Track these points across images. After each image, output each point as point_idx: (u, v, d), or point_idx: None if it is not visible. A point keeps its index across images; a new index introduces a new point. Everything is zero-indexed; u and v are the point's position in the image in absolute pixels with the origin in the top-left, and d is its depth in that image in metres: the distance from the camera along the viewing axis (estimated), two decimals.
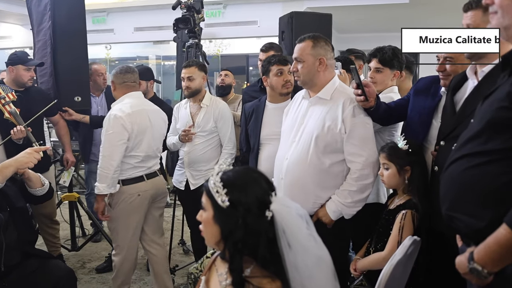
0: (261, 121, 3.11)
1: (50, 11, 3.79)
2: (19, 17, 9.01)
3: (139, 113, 3.20)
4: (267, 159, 3.01)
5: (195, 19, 4.12)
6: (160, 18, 8.33)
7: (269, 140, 3.06)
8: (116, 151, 3.08)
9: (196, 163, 3.54)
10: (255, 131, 3.13)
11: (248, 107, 3.29)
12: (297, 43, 2.54)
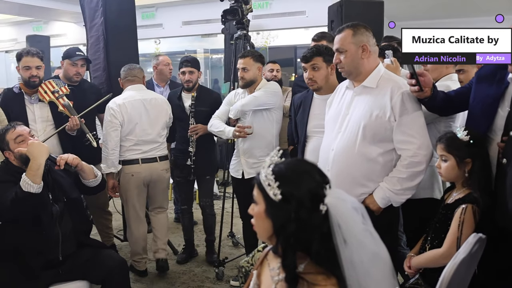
0: (308, 113, 3.05)
1: (102, 7, 3.88)
2: (73, 15, 9.27)
3: (131, 103, 3.65)
4: (313, 152, 2.95)
5: (243, 10, 4.08)
6: (208, 12, 8.36)
7: (315, 132, 2.99)
8: (109, 137, 3.60)
9: (251, 151, 3.51)
10: (302, 123, 3.08)
11: (296, 98, 3.24)
12: (336, 34, 2.47)
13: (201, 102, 3.86)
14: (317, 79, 2.89)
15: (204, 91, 4.03)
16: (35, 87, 3.47)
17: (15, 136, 2.70)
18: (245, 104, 3.43)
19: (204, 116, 3.82)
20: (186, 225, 4.22)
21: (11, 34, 11.43)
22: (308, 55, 2.88)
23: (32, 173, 2.53)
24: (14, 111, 3.45)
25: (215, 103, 3.87)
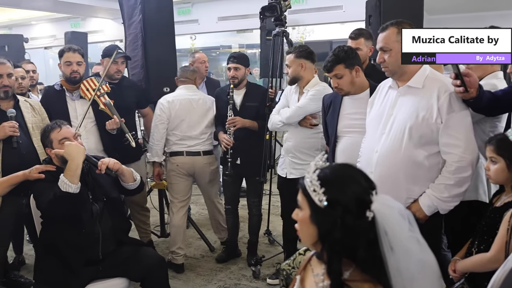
0: (338, 113, 3.01)
1: (140, 5, 3.91)
2: (110, 12, 9.40)
3: (179, 101, 3.92)
4: (343, 152, 2.95)
5: (282, 7, 4.04)
6: (243, 7, 8.34)
7: (345, 132, 2.98)
8: (156, 129, 3.94)
9: (295, 151, 3.50)
10: (332, 123, 3.05)
11: (326, 98, 3.19)
12: (380, 32, 2.41)
13: (250, 97, 3.89)
14: (342, 87, 2.88)
15: (253, 86, 4.03)
16: (76, 83, 3.53)
17: (60, 138, 2.76)
18: (290, 116, 3.41)
19: (253, 112, 3.85)
20: (230, 225, 4.21)
21: (50, 30, 11.67)
22: (329, 65, 2.86)
23: (70, 173, 2.58)
24: (56, 108, 3.51)
25: (263, 98, 3.89)
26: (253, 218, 4.09)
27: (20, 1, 8.07)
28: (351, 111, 2.94)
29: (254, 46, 10.88)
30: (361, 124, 2.85)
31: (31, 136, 3.14)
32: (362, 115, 2.85)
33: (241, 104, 3.89)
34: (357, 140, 2.86)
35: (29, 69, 4.73)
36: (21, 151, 3.05)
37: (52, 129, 2.79)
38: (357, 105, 2.89)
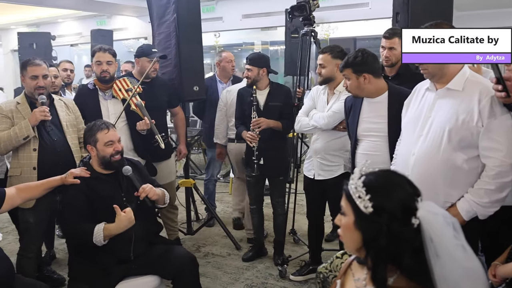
0: (358, 116, 3.01)
1: (174, 5, 3.93)
2: (135, 9, 9.48)
3: (235, 92, 4.19)
4: (363, 156, 2.94)
5: (311, 6, 4.03)
6: (267, 4, 8.33)
7: (365, 136, 2.97)
8: (218, 114, 4.58)
9: (324, 152, 3.49)
10: (353, 126, 3.05)
11: (348, 100, 3.17)
12: None
13: (273, 97, 3.88)
14: (350, 89, 2.94)
15: (276, 86, 4.01)
16: (106, 82, 3.57)
17: (107, 140, 2.82)
18: (328, 122, 3.39)
19: (276, 112, 3.85)
20: (256, 224, 4.21)
21: (76, 28, 11.83)
22: (340, 67, 2.95)
23: (108, 234, 2.63)
24: (89, 106, 3.57)
25: (286, 98, 3.90)
26: (278, 218, 4.09)
27: (46, 0, 8.19)
28: (370, 114, 2.94)
29: (277, 43, 10.87)
30: (380, 128, 2.87)
31: (65, 134, 3.19)
32: (381, 119, 2.87)
33: (264, 104, 3.89)
34: (376, 144, 2.88)
35: (68, 67, 4.84)
36: (56, 148, 3.12)
37: (100, 129, 2.84)
38: (375, 108, 2.91)
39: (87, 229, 2.64)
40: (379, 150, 2.87)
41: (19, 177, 3.07)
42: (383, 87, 2.92)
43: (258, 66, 3.86)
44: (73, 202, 2.79)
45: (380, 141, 2.88)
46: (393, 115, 2.83)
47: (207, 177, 5.16)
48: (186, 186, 4.63)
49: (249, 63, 3.87)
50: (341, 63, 2.95)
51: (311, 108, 3.59)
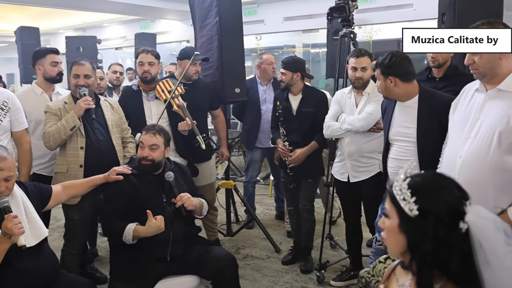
0: (390, 120, 2.96)
1: (216, 8, 3.96)
2: (177, 13, 9.62)
3: None
4: (392, 160, 2.92)
5: (350, 7, 3.98)
6: (309, 7, 8.29)
7: (395, 140, 2.93)
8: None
9: (358, 155, 3.45)
10: (385, 129, 3.02)
11: (384, 102, 3.13)
12: None
13: (307, 102, 3.85)
14: (380, 90, 2.92)
15: (311, 91, 3.96)
16: (148, 82, 3.63)
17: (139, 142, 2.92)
18: (364, 125, 3.37)
19: (309, 118, 3.81)
20: (294, 226, 4.18)
21: (121, 32, 12.12)
22: (374, 67, 2.94)
23: (137, 235, 2.71)
24: (132, 107, 3.64)
25: (320, 104, 3.85)
26: (305, 224, 4.01)
27: (94, 5, 8.42)
28: (401, 118, 2.90)
29: (319, 45, 10.80)
30: (410, 133, 2.81)
31: (110, 134, 3.27)
32: (411, 124, 2.81)
33: (297, 109, 3.86)
34: (407, 149, 2.83)
35: (118, 70, 4.96)
36: (101, 147, 3.20)
37: (143, 129, 2.98)
38: (405, 112, 2.86)
39: (120, 226, 2.73)
40: (409, 156, 2.81)
41: (65, 174, 3.15)
42: (414, 91, 2.86)
43: (292, 70, 3.84)
44: (112, 199, 2.87)
45: (410, 146, 2.82)
46: (422, 120, 2.78)
47: (247, 179, 5.17)
48: (226, 187, 4.65)
49: (283, 67, 3.86)
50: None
51: (338, 112, 3.55)
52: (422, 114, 2.79)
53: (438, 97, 2.84)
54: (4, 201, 2.29)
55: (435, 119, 2.73)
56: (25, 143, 3.21)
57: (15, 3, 8.35)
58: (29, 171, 3.24)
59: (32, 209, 2.47)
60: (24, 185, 2.59)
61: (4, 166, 2.29)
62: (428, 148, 2.74)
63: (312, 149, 3.81)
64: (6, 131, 3.12)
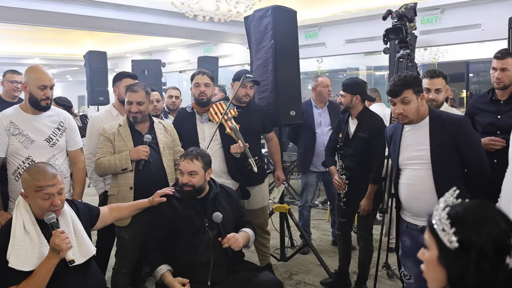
0: (399, 145, 2.81)
1: (272, 31, 3.97)
2: (240, 37, 9.79)
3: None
4: (406, 186, 2.78)
5: (407, 29, 3.86)
6: (371, 29, 8.17)
7: (407, 165, 2.78)
8: None
9: None
10: (394, 156, 2.88)
11: (388, 129, 3.03)
12: None
13: (362, 127, 3.75)
14: (408, 114, 2.67)
15: (368, 115, 3.83)
16: (204, 104, 3.65)
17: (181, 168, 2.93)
18: None
19: (363, 143, 3.71)
20: (340, 252, 4.08)
21: (184, 55, 12.48)
22: (397, 89, 2.65)
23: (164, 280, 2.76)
24: (186, 129, 3.67)
25: (375, 130, 3.70)
26: (361, 252, 3.88)
27: (160, 30, 8.73)
28: (412, 141, 2.76)
29: (383, 68, 10.62)
30: (423, 155, 2.66)
31: (161, 156, 3.31)
32: (424, 145, 2.67)
33: (353, 133, 3.78)
34: (420, 173, 2.68)
35: (173, 94, 5.06)
36: (151, 169, 3.23)
37: (183, 156, 2.98)
38: (418, 134, 2.73)
39: (154, 261, 2.80)
40: (422, 179, 2.68)
41: (116, 196, 3.22)
42: (427, 110, 2.73)
43: (351, 92, 3.76)
44: (153, 223, 2.89)
45: (423, 169, 2.68)
46: (435, 141, 2.64)
47: (301, 203, 5.09)
48: (281, 211, 4.58)
49: (343, 89, 3.79)
50: (394, 87, 2.66)
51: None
52: (435, 133, 2.65)
53: (449, 116, 2.72)
54: (51, 217, 2.35)
55: (448, 139, 2.61)
56: (80, 162, 3.33)
57: (86, 29, 8.82)
58: (82, 190, 3.34)
59: (81, 227, 2.53)
60: (75, 204, 2.67)
61: (55, 181, 2.36)
62: (443, 169, 2.61)
63: (373, 194, 3.70)
64: (62, 150, 3.23)
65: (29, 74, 3.09)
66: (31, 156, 3.06)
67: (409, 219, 2.81)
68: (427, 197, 2.62)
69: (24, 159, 3.06)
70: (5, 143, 3.05)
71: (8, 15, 6.93)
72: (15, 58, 11.81)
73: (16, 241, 2.30)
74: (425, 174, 2.66)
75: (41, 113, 3.14)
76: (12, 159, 3.09)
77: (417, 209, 2.69)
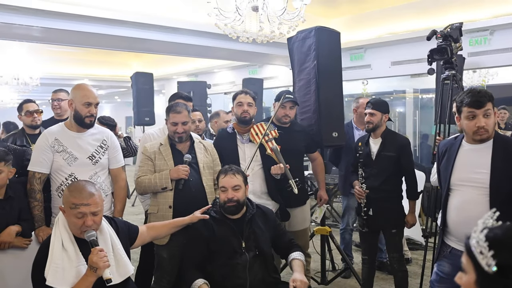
0: (453, 163, 2.67)
1: (315, 52, 3.97)
2: (284, 59, 9.82)
3: None
4: (456, 209, 2.62)
5: (452, 49, 3.77)
6: (418, 51, 8.04)
7: (459, 185, 2.63)
8: None
9: None
10: (445, 174, 2.72)
11: (442, 144, 2.89)
12: None
13: (387, 146, 3.70)
14: (489, 128, 2.53)
15: (391, 134, 3.82)
16: (246, 123, 3.67)
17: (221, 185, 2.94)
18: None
19: (390, 163, 3.66)
20: (365, 276, 3.98)
21: (230, 77, 12.62)
22: (482, 100, 2.52)
23: None
24: (227, 149, 3.69)
25: (403, 149, 3.68)
26: (397, 275, 3.78)
27: (205, 52, 8.88)
28: (470, 162, 2.62)
29: (430, 90, 10.40)
30: (481, 178, 2.52)
31: (201, 175, 3.34)
32: (484, 168, 2.52)
33: (377, 153, 3.72)
34: (472, 197, 2.55)
35: (227, 119, 5.13)
36: (191, 188, 3.26)
37: (221, 172, 2.99)
38: (479, 155, 2.59)
39: (191, 277, 2.76)
40: (475, 203, 2.54)
41: (156, 215, 3.27)
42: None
43: (382, 111, 3.73)
44: (191, 242, 2.90)
45: (478, 193, 2.54)
46: (497, 165, 2.51)
47: (343, 226, 5.01)
48: (322, 233, 4.52)
49: (373, 107, 3.74)
50: (478, 98, 2.54)
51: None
52: (499, 157, 2.52)
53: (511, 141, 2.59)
54: (91, 235, 2.35)
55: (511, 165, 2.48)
56: (121, 180, 3.40)
57: (133, 51, 9.09)
58: (123, 207, 3.40)
59: (120, 246, 2.53)
60: (115, 221, 2.68)
61: (91, 201, 2.36)
62: (501, 196, 2.47)
63: (415, 208, 3.66)
64: (104, 168, 3.31)
65: (75, 91, 3.20)
66: (74, 173, 3.15)
67: (454, 244, 2.69)
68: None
69: (67, 176, 3.14)
70: (50, 159, 3.15)
71: (60, 37, 7.20)
72: (66, 79, 12.26)
73: (54, 258, 2.30)
74: (480, 199, 2.53)
75: (85, 131, 3.23)
76: (56, 176, 3.18)
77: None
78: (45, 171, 3.16)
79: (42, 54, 11.07)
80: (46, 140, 3.16)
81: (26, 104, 4.11)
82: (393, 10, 8.16)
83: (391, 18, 8.23)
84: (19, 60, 10.02)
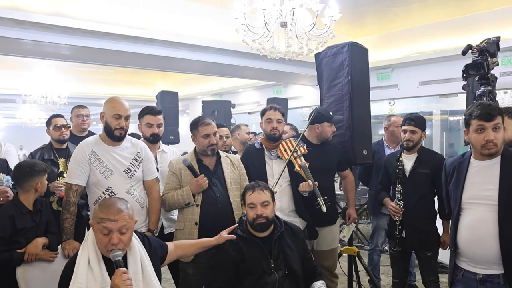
0: (464, 182, 2.58)
1: (348, 67, 3.92)
2: (310, 79, 9.80)
3: None
4: (467, 228, 2.54)
5: (489, 64, 3.66)
6: (446, 70, 7.94)
7: (470, 204, 2.55)
8: None
9: None
10: (456, 193, 2.64)
11: (448, 163, 2.84)
12: None
13: (422, 163, 3.63)
14: (498, 142, 2.46)
15: (427, 151, 3.77)
16: (275, 140, 3.62)
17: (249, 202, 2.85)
18: None
19: (425, 179, 3.59)
20: None
21: (254, 97, 12.64)
22: (493, 113, 2.45)
23: None
24: (254, 165, 3.62)
25: (439, 166, 3.51)
26: None
27: (231, 71, 8.90)
28: (479, 180, 2.55)
29: (458, 112, 10.21)
30: (490, 196, 2.44)
31: (228, 191, 3.27)
32: (492, 185, 2.45)
33: (411, 170, 3.64)
34: (484, 215, 2.47)
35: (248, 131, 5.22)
36: (217, 204, 3.20)
37: (248, 189, 2.90)
38: (487, 172, 2.53)
39: None
40: (485, 221, 2.47)
41: (182, 231, 3.21)
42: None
43: (422, 128, 3.68)
44: (217, 264, 2.81)
45: (489, 210, 2.46)
46: (506, 181, 2.42)
47: (371, 247, 4.88)
48: (349, 254, 4.39)
49: (414, 125, 3.66)
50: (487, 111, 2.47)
51: None
52: (506, 172, 2.44)
53: None
54: (117, 255, 2.21)
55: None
56: (155, 192, 3.34)
57: (160, 69, 9.16)
58: (157, 219, 3.34)
59: (150, 268, 2.39)
60: (149, 240, 2.58)
61: (118, 218, 2.25)
62: (511, 213, 2.38)
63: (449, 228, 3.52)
64: (139, 181, 3.27)
65: (107, 104, 3.19)
66: (111, 187, 3.12)
67: (466, 266, 2.58)
68: (489, 242, 2.43)
69: (104, 190, 3.12)
70: (86, 171, 3.11)
71: (88, 55, 7.29)
72: (93, 99, 12.44)
73: (78, 278, 2.19)
74: (490, 217, 2.46)
75: (118, 144, 3.21)
76: (94, 189, 3.16)
77: (477, 255, 2.49)
78: (82, 183, 3.12)
79: (70, 74, 11.28)
80: (83, 152, 3.12)
81: (55, 118, 4.12)
82: (421, 29, 8.09)
83: (419, 37, 8.16)
84: (47, 78, 10.18)
